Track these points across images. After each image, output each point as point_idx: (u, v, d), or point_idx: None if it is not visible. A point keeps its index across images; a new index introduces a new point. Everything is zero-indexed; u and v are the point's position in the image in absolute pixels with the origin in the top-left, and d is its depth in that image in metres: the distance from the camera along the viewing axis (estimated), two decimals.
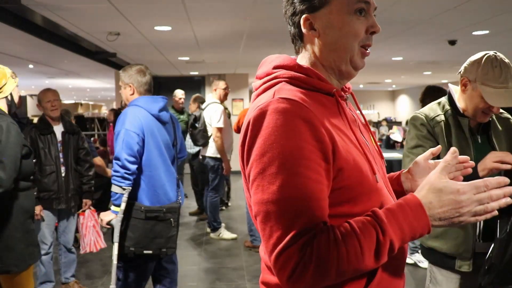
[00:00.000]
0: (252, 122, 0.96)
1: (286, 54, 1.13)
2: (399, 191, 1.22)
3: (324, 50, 1.05)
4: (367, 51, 1.06)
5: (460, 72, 1.90)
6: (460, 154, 1.72)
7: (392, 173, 1.28)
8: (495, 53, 1.80)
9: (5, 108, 2.51)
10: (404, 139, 9.35)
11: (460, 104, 1.90)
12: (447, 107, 1.93)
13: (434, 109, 1.95)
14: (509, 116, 2.00)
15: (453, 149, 1.02)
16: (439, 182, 0.94)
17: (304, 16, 1.04)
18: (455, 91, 1.95)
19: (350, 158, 0.97)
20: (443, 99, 1.99)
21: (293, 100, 0.95)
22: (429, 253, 2.00)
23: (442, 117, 1.90)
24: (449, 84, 2.00)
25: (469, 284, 1.89)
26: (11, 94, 2.54)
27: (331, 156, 0.94)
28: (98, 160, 4.55)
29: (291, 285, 0.89)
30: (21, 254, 2.45)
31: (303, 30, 1.06)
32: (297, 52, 1.12)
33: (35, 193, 3.07)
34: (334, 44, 1.04)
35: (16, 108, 2.63)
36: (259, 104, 0.98)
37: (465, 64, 1.88)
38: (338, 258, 0.87)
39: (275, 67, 1.07)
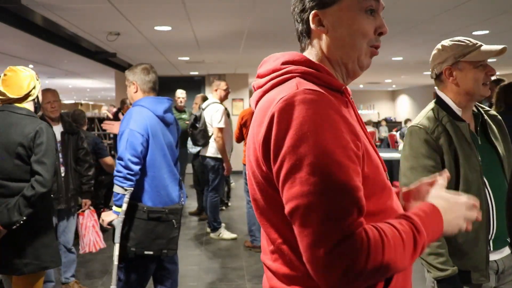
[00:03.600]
0: (277, 115, 0.89)
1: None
2: None
3: (332, 46, 1.04)
4: (376, 51, 1.06)
5: (434, 72, 1.85)
6: (466, 160, 1.77)
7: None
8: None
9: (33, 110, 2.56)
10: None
11: (456, 100, 1.82)
12: (442, 113, 1.82)
13: (431, 118, 1.82)
14: (495, 113, 1.97)
15: (447, 174, 1.13)
16: (446, 194, 1.05)
17: (313, 12, 1.03)
18: (442, 94, 1.86)
19: (368, 150, 0.97)
20: (434, 106, 1.86)
21: (320, 92, 0.91)
22: None
23: (441, 127, 1.80)
24: (436, 89, 1.90)
25: None
26: (37, 96, 2.58)
27: (359, 145, 0.92)
28: (109, 160, 4.57)
29: (344, 286, 0.83)
30: (55, 250, 2.58)
31: (312, 26, 1.04)
32: (303, 50, 1.10)
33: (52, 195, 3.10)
34: (342, 41, 1.03)
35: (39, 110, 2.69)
36: (281, 96, 0.92)
37: (433, 64, 1.85)
38: (389, 257, 0.85)
39: (284, 63, 1.03)
